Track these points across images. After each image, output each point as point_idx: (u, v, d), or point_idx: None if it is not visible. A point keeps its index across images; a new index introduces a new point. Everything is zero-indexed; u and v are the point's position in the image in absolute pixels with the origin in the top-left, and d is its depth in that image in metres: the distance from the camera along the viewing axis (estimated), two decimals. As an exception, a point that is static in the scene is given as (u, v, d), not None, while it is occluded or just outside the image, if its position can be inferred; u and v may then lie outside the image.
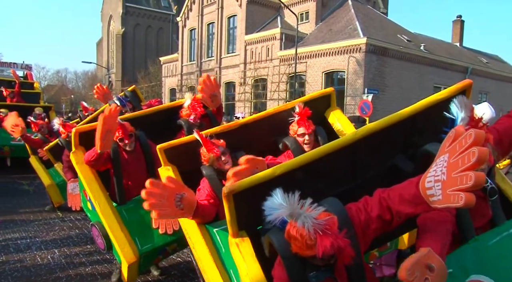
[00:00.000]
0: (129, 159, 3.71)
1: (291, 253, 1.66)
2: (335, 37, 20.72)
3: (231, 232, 2.02)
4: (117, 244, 3.37)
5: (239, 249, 1.98)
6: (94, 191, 3.52)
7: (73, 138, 3.70)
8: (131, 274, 3.45)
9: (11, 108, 8.92)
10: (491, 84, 26.53)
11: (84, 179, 3.58)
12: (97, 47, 51.45)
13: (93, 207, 3.70)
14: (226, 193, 1.86)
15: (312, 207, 1.63)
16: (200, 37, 28.72)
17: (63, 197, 6.17)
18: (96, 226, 3.62)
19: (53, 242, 5.14)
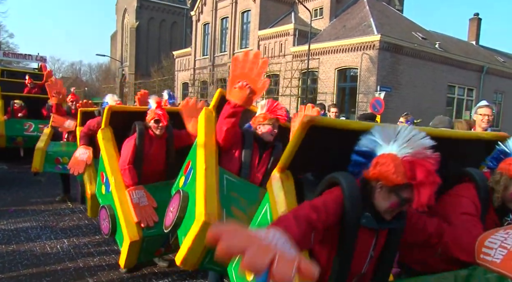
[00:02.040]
0: (153, 145, 3.76)
1: (358, 192, 1.69)
2: (349, 34, 20.53)
3: (282, 165, 2.06)
4: (124, 222, 3.39)
5: (283, 185, 2.00)
6: (114, 168, 3.63)
7: (105, 116, 3.83)
8: (130, 256, 3.44)
9: (26, 100, 9.10)
10: (507, 83, 26.06)
11: (107, 155, 3.67)
12: (111, 41, 51.81)
13: (108, 190, 3.79)
14: (306, 121, 1.84)
15: None
16: (214, 31, 28.73)
17: (44, 167, 6.22)
18: (106, 208, 3.69)
19: (62, 232, 5.23)
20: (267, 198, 2.13)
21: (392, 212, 1.69)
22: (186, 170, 3.17)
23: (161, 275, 4.07)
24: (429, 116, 11.94)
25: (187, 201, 2.83)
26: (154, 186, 3.72)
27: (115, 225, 3.62)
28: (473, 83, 23.79)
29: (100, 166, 3.96)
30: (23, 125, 8.64)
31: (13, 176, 8.47)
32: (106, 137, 3.79)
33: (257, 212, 2.24)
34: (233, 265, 2.29)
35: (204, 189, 2.61)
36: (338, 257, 1.73)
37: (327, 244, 1.76)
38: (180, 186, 3.13)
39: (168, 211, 3.03)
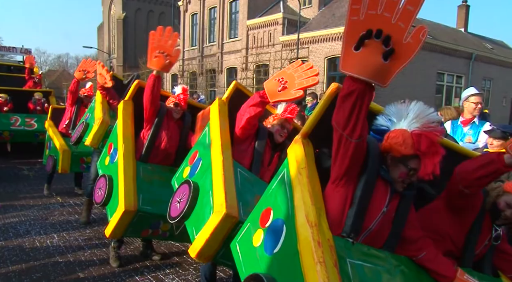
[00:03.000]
0: (170, 126, 3.82)
1: (379, 151, 1.88)
2: (338, 22, 20.44)
3: (305, 130, 2.12)
4: (122, 188, 3.33)
5: (304, 148, 2.06)
6: (127, 138, 3.62)
7: (132, 89, 3.84)
8: (119, 227, 3.34)
9: (11, 93, 8.93)
10: (496, 70, 26.25)
11: (123, 126, 3.66)
12: (98, 32, 51.04)
13: (112, 160, 3.73)
14: (334, 88, 2.00)
15: None
16: (202, 22, 28.43)
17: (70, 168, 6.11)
18: (106, 177, 3.62)
19: (52, 227, 5.15)
20: (285, 163, 2.13)
21: (402, 183, 1.87)
22: (192, 160, 3.12)
23: (154, 268, 4.04)
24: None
25: (198, 191, 2.75)
26: (159, 167, 3.75)
27: (110, 195, 3.55)
28: (462, 70, 23.92)
29: (111, 137, 3.92)
30: (10, 120, 8.50)
31: (0, 171, 8.32)
32: (126, 110, 3.80)
33: (270, 183, 2.23)
34: (238, 239, 2.28)
35: (223, 180, 2.52)
36: (354, 206, 1.82)
37: (342, 197, 1.85)
38: (185, 176, 3.06)
39: (174, 202, 2.94)
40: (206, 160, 2.86)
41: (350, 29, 1.56)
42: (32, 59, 10.72)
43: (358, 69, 1.55)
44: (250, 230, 2.19)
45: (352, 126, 1.66)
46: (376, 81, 1.56)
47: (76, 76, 5.88)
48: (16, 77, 10.45)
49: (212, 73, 27.48)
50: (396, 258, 1.91)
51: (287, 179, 2.04)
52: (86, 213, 5.38)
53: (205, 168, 2.81)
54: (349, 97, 1.62)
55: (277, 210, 2.02)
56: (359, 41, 1.53)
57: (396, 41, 1.50)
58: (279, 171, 2.17)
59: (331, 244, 1.69)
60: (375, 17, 1.51)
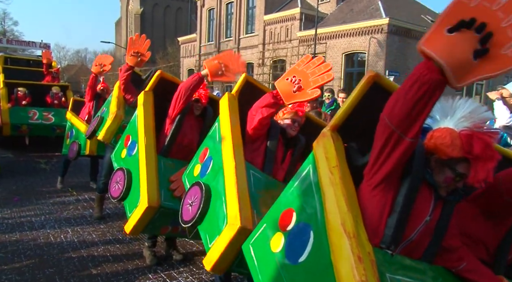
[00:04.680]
0: (192, 122, 3.76)
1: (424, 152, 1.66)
2: (356, 18, 20.12)
3: (335, 123, 1.90)
4: (145, 183, 3.19)
5: (334, 143, 1.85)
6: (148, 130, 3.48)
7: (153, 80, 3.73)
8: (140, 223, 3.20)
9: (29, 87, 9.01)
10: (519, 67, 25.48)
11: (144, 118, 3.52)
12: (116, 27, 51.48)
13: (130, 153, 3.61)
14: (371, 75, 1.78)
15: None
16: (219, 17, 28.36)
17: (99, 150, 5.83)
18: (124, 169, 3.51)
19: (66, 221, 5.15)
20: (310, 160, 1.93)
21: (447, 188, 1.66)
22: (202, 158, 2.99)
23: (167, 266, 3.97)
24: (439, 101, 11.69)
25: (210, 195, 2.64)
26: (180, 163, 3.60)
27: (128, 190, 3.43)
28: (483, 67, 23.29)
29: (128, 129, 3.78)
30: (28, 113, 8.55)
31: (18, 164, 8.42)
32: (147, 101, 3.65)
33: (291, 182, 2.04)
34: (251, 241, 2.14)
35: (236, 189, 2.38)
36: (395, 214, 1.63)
37: (380, 203, 1.67)
38: (196, 175, 2.95)
39: (185, 204, 2.83)
40: (217, 160, 2.74)
41: (454, 10, 1.34)
42: (49, 54, 10.79)
43: (442, 53, 1.32)
44: (266, 233, 2.02)
45: (411, 123, 1.43)
46: (453, 76, 1.31)
47: (94, 70, 5.84)
48: (34, 71, 10.53)
49: (228, 69, 27.37)
50: (434, 269, 1.74)
51: (313, 178, 1.85)
52: (99, 209, 5.36)
53: (217, 170, 2.68)
54: (418, 86, 1.36)
55: (301, 212, 1.85)
56: (457, 25, 1.31)
57: (495, 44, 1.29)
58: (301, 168, 1.97)
59: (372, 258, 1.51)
60: (487, 11, 1.30)
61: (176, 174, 3.46)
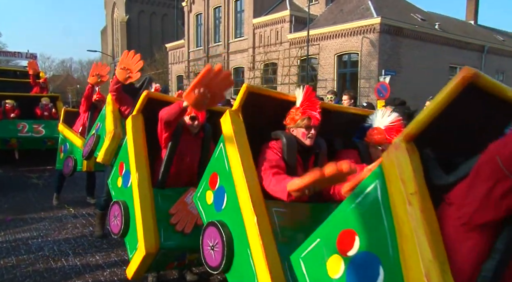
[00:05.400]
0: (188, 144, 3.34)
1: None
2: (347, 18, 19.99)
3: (412, 132, 1.55)
4: (141, 228, 2.94)
5: (410, 159, 1.51)
6: (139, 161, 3.15)
7: (140, 101, 3.32)
8: (141, 268, 3.02)
9: (18, 99, 8.60)
10: (508, 62, 25.68)
11: (134, 146, 3.19)
12: (102, 36, 50.87)
13: (125, 184, 3.31)
14: (467, 75, 1.42)
15: None
16: (207, 22, 28.05)
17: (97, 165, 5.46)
18: (120, 203, 3.23)
19: (66, 242, 4.76)
20: (375, 175, 1.60)
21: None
22: (214, 185, 2.65)
23: (182, 289, 3.63)
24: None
25: (232, 241, 2.40)
26: (180, 191, 3.30)
27: (128, 226, 3.17)
28: (474, 64, 23.34)
29: (121, 156, 3.45)
30: (17, 127, 8.19)
31: (8, 180, 7.97)
32: (135, 126, 3.30)
33: (345, 202, 1.74)
34: (302, 255, 1.91)
35: (263, 255, 2.11)
36: (491, 261, 1.34)
37: (477, 246, 1.36)
38: (210, 204, 2.65)
39: (205, 246, 2.56)
40: (231, 195, 2.42)
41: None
42: (34, 64, 10.41)
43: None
44: (321, 250, 1.78)
45: None
46: None
47: (90, 81, 5.49)
48: (22, 82, 10.15)
49: (219, 74, 27.06)
50: None
51: (382, 198, 1.55)
52: (100, 227, 4.98)
53: (233, 208, 2.37)
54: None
55: (366, 238, 1.59)
56: None
57: None
58: (364, 184, 1.67)
59: None
60: None
61: (175, 205, 3.18)
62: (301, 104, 2.54)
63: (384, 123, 2.68)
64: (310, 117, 2.49)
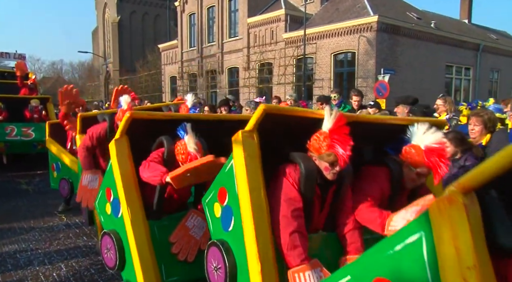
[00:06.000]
0: None
1: None
2: (343, 17, 19.74)
3: (471, 183, 1.20)
4: (139, 269, 2.68)
5: (468, 216, 1.17)
6: (129, 191, 2.80)
7: (123, 124, 2.93)
8: None
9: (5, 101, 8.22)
10: (503, 61, 25.62)
11: (121, 173, 2.84)
12: (93, 37, 50.18)
13: (115, 213, 2.99)
14: None
15: None
16: (200, 22, 27.64)
17: None
18: (111, 235, 2.92)
19: (58, 254, 4.39)
20: (423, 224, 1.29)
21: None
22: (222, 200, 2.41)
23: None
24: (429, 98, 11.26)
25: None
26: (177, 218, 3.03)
27: (123, 259, 2.89)
28: (470, 62, 23.28)
29: (108, 181, 3.11)
30: (5, 130, 7.83)
31: (-4, 186, 7.56)
32: (120, 150, 2.92)
33: (387, 241, 1.47)
34: None
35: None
36: None
37: None
38: (218, 217, 2.46)
39: (210, 265, 2.46)
40: (238, 220, 2.23)
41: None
42: (22, 65, 10.04)
43: None
44: None
45: None
46: None
47: (64, 110, 5.39)
48: (10, 84, 9.77)
49: (212, 74, 26.72)
50: None
51: (428, 259, 1.27)
52: None
53: (240, 237, 2.20)
54: None
55: None
56: None
57: None
58: (404, 233, 1.38)
59: None
60: None
61: (176, 231, 2.92)
62: (329, 133, 2.20)
63: (424, 142, 2.31)
64: (336, 156, 2.19)
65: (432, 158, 2.26)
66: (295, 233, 2.13)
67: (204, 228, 2.98)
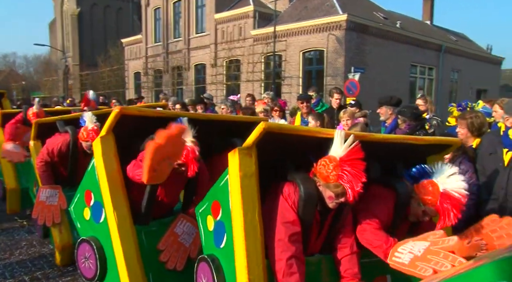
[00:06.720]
0: (172, 176, 2.73)
1: None
2: (312, 15, 19.72)
3: None
4: (126, 276, 2.46)
5: None
6: (116, 194, 2.56)
7: (111, 119, 2.65)
8: None
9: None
10: (462, 62, 26.58)
11: (106, 174, 2.59)
12: (50, 29, 47.98)
13: (96, 218, 2.72)
14: None
15: None
16: (166, 16, 26.92)
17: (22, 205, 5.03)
18: (91, 243, 2.66)
19: (21, 266, 3.95)
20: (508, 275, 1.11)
21: None
22: (216, 214, 2.27)
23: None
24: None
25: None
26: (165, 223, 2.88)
27: (104, 269, 2.63)
28: (433, 62, 23.97)
29: (87, 182, 2.81)
30: None
31: None
32: (106, 149, 2.66)
33: None
34: None
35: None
36: None
37: None
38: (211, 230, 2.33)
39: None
40: (230, 238, 2.13)
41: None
42: None
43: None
44: None
45: None
46: None
47: None
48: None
49: (179, 70, 26.10)
50: None
51: None
52: None
53: (231, 256, 2.09)
54: None
55: None
56: None
57: None
58: None
59: None
60: None
61: (164, 238, 2.75)
62: (340, 162, 2.01)
63: (446, 185, 2.18)
64: (343, 188, 2.02)
65: (446, 204, 2.15)
66: (292, 258, 2.02)
67: (194, 234, 2.82)
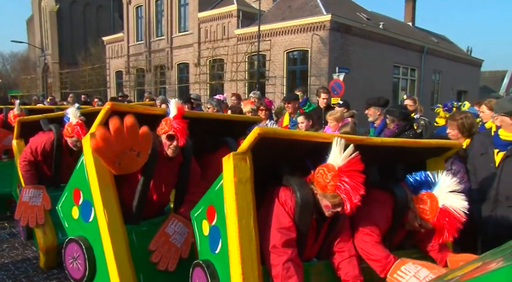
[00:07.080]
0: (163, 170, 2.75)
1: None
2: (296, 14, 19.74)
3: None
4: (116, 277, 2.39)
5: None
6: (106, 193, 2.48)
7: (101, 115, 2.57)
8: None
9: None
10: (443, 63, 27.03)
11: (96, 172, 2.51)
12: (28, 26, 46.85)
13: (85, 217, 2.63)
14: None
15: None
16: (148, 14, 26.57)
17: None
18: (80, 242, 2.57)
19: (3, 269, 3.79)
20: None
21: None
22: (211, 219, 2.22)
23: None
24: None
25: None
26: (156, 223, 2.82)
27: (93, 270, 2.54)
28: (415, 63, 24.30)
29: (76, 181, 2.71)
30: None
31: None
32: None
33: None
34: None
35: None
36: None
37: None
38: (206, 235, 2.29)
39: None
40: (225, 244, 2.09)
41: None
42: None
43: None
44: None
45: None
46: None
47: None
48: None
49: (161, 69, 25.79)
50: None
51: None
52: None
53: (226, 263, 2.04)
54: None
55: None
56: None
57: None
58: None
59: None
60: None
61: (155, 238, 2.69)
62: (339, 171, 1.98)
63: (446, 200, 2.17)
64: (340, 199, 2.00)
65: (443, 220, 2.14)
66: (288, 262, 1.97)
67: (185, 234, 2.77)
